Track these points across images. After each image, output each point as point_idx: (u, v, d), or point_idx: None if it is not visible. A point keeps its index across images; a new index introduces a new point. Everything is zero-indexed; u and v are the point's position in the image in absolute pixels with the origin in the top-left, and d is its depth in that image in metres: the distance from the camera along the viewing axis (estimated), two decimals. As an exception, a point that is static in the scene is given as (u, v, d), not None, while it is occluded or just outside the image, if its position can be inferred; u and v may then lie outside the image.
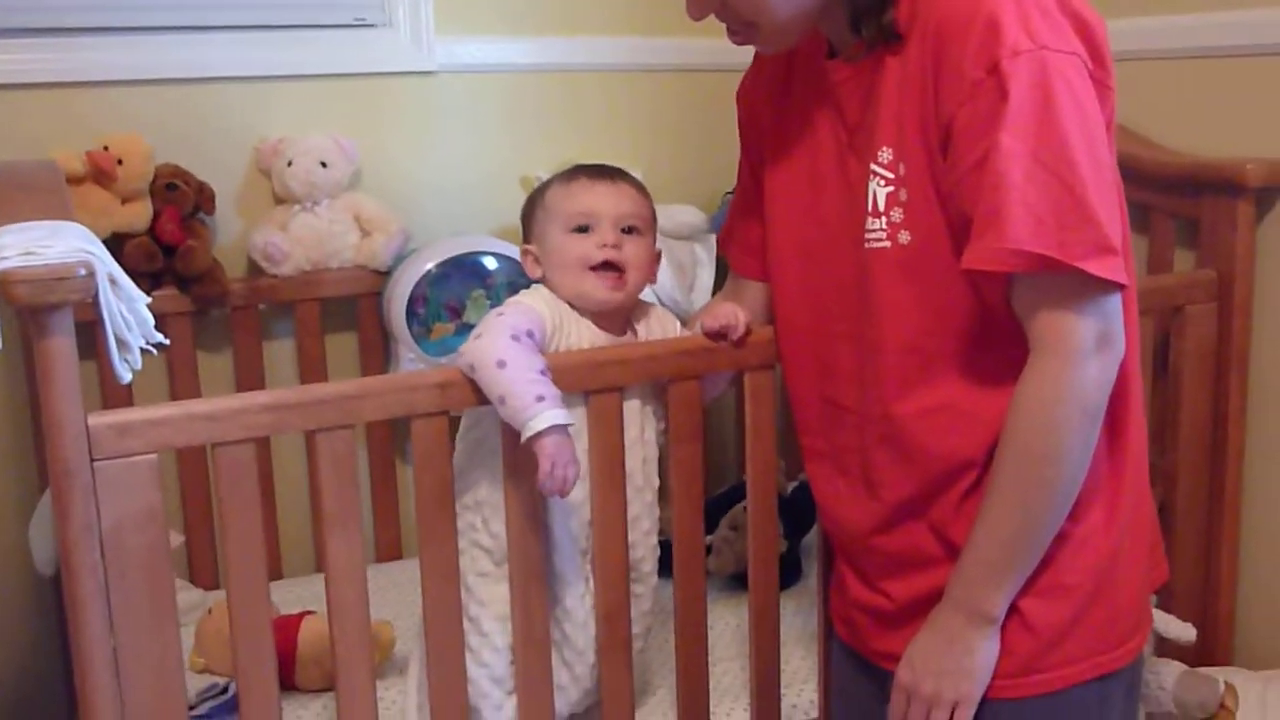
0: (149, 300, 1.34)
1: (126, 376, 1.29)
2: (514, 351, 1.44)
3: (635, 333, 1.67)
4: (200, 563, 2.28)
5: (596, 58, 2.54)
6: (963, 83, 1.18)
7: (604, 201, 1.63)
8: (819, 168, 1.40)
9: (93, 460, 1.24)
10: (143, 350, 1.29)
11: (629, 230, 1.63)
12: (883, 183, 1.28)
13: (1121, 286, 1.20)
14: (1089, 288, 1.18)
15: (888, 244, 1.29)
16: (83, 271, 1.18)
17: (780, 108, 1.50)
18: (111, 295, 1.25)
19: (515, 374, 1.42)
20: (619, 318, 1.65)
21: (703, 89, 2.63)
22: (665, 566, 1.63)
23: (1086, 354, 1.19)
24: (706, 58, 2.59)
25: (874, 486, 1.38)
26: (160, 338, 1.31)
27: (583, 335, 1.59)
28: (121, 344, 1.28)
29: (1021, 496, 1.24)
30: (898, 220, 1.28)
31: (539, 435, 1.39)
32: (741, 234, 1.63)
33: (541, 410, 1.40)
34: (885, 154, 1.28)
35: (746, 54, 1.45)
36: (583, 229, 1.61)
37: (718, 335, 1.56)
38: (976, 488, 1.30)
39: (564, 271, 1.61)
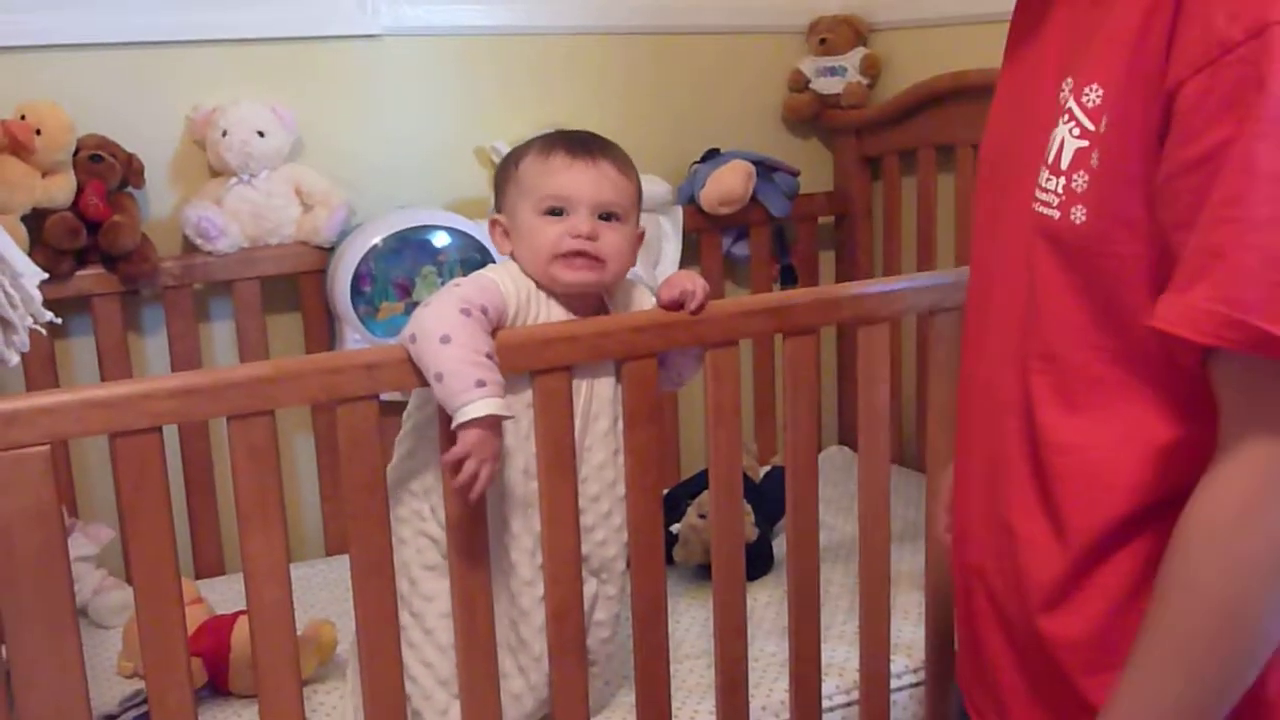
0: (43, 276, 1.22)
1: (13, 360, 1.17)
2: (461, 327, 1.33)
3: (608, 309, 1.56)
4: (204, 550, 2.18)
5: (556, 20, 2.41)
6: (1207, 39, 0.83)
7: (581, 185, 1.50)
8: (1037, 82, 1.03)
9: (-24, 453, 1.12)
10: (48, 331, 1.17)
11: (607, 217, 1.51)
12: (1076, 131, 0.94)
13: None
14: None
15: (1056, 214, 0.95)
16: (-46, 243, 1.05)
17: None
18: (-9, 269, 1.12)
19: (457, 352, 1.31)
20: (590, 299, 1.54)
21: (669, 53, 2.51)
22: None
23: None
24: (674, 19, 2.49)
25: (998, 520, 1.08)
26: (49, 316, 1.18)
27: (550, 313, 1.49)
28: (6, 324, 1.15)
29: (1184, 653, 0.88)
30: (1079, 189, 0.93)
31: (469, 424, 1.29)
32: None
33: (480, 397, 1.29)
34: (1092, 94, 0.93)
35: (719, 18, 1.32)
36: (556, 212, 1.50)
37: (674, 305, 1.45)
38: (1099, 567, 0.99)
39: (533, 254, 1.50)
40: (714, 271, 2.50)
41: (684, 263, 2.44)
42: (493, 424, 1.31)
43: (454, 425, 1.29)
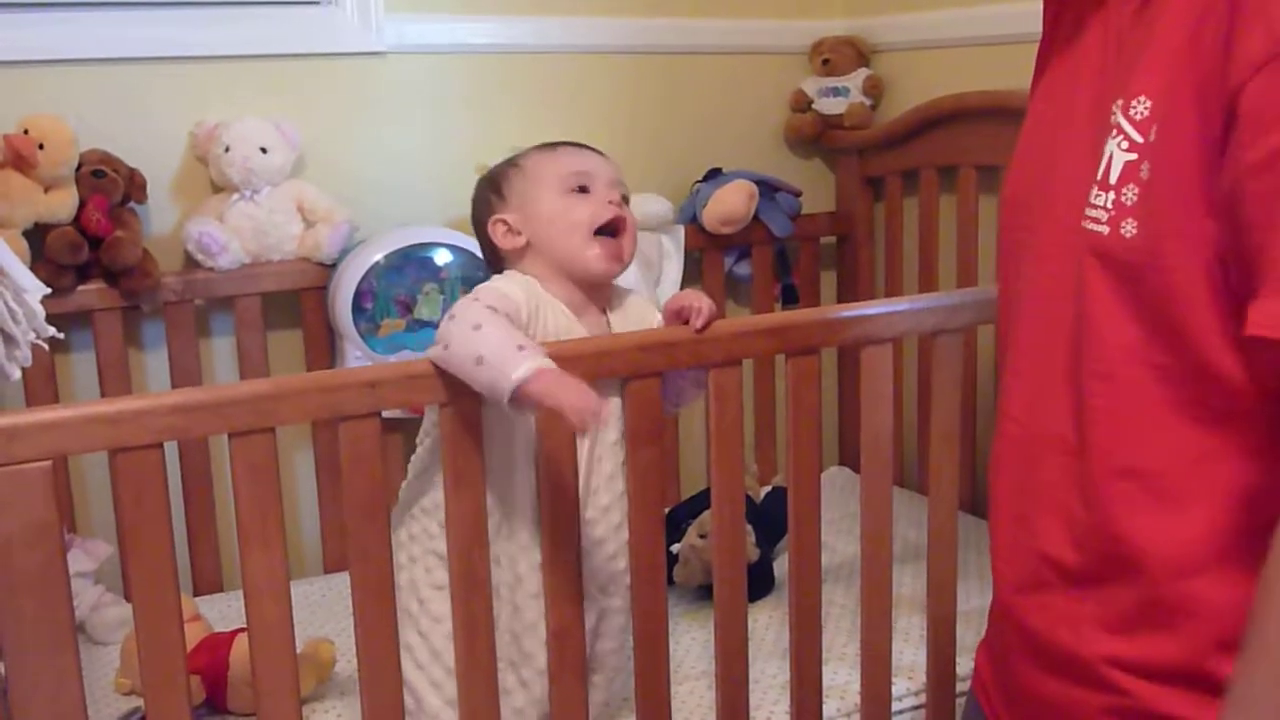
0: (46, 291, 1.21)
1: (15, 374, 1.17)
2: (491, 318, 1.33)
3: (609, 321, 1.56)
4: (202, 567, 2.16)
5: (558, 39, 2.41)
6: (1270, 36, 0.83)
7: (598, 163, 1.56)
8: (1073, 102, 1.03)
9: (-24, 469, 1.11)
10: (51, 346, 1.16)
11: (621, 200, 1.55)
12: (1124, 144, 0.93)
13: None
14: None
15: (1106, 229, 0.94)
16: (-42, 257, 1.04)
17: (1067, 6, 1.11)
18: (-6, 284, 1.12)
19: (493, 333, 1.29)
20: (597, 300, 1.55)
21: (672, 73, 2.51)
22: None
23: None
24: (676, 39, 2.49)
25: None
26: (52, 331, 1.18)
27: (558, 323, 1.49)
28: (8, 339, 1.15)
29: None
30: (1129, 202, 0.93)
31: (528, 381, 1.24)
32: None
33: (526, 358, 1.26)
34: (1140, 106, 0.93)
35: (721, 38, 1.31)
36: (583, 189, 1.53)
37: (679, 317, 1.45)
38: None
39: (567, 236, 1.51)
40: (716, 291, 2.50)
41: (685, 282, 2.44)
42: (550, 374, 1.26)
43: (507, 400, 1.25)
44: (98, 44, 2.04)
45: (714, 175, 2.50)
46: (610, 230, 1.52)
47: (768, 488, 2.32)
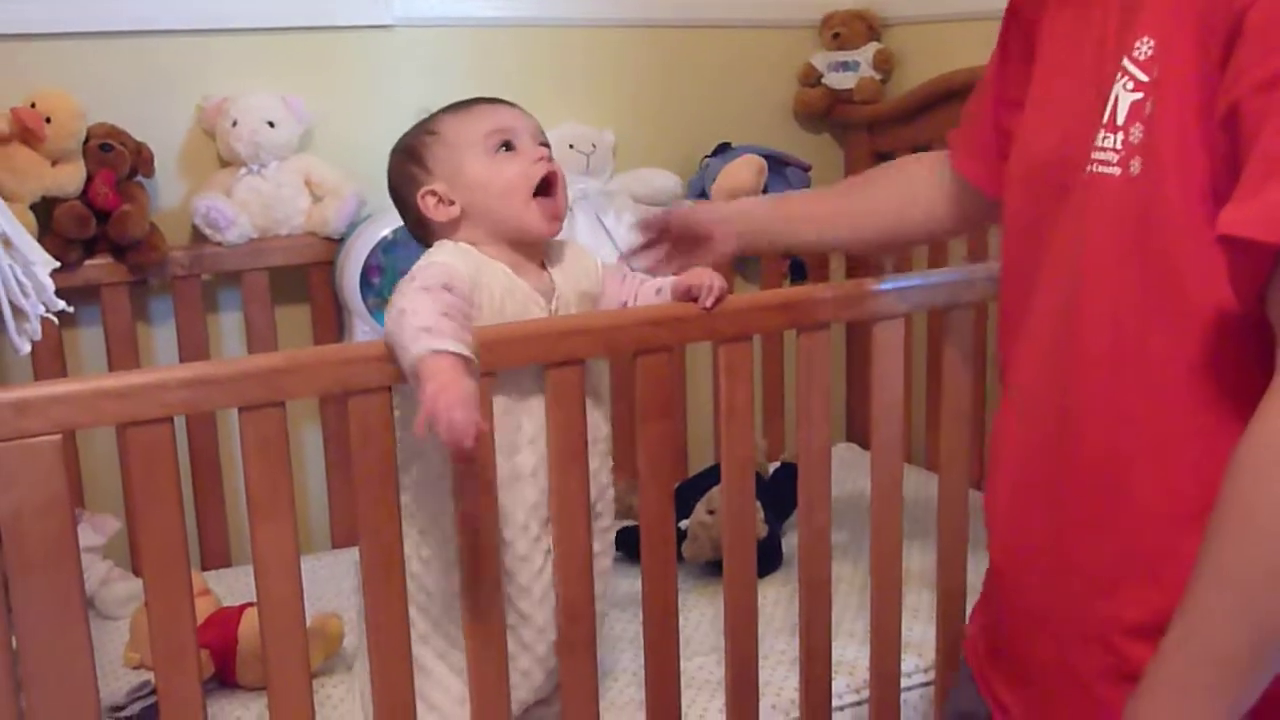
0: (55, 265, 1.20)
1: (25, 348, 1.16)
2: (419, 301, 1.27)
3: (550, 276, 1.52)
4: (210, 542, 2.17)
5: (569, 11, 2.40)
6: None
7: (516, 116, 1.50)
8: (1081, 58, 1.04)
9: (-13, 442, 1.11)
10: (61, 320, 1.16)
11: (547, 151, 1.50)
12: (1130, 85, 0.94)
13: None
14: None
15: (1116, 170, 0.95)
16: (-33, 230, 1.04)
17: None
18: (4, 257, 1.11)
19: (412, 319, 1.23)
20: (535, 257, 1.51)
21: (681, 46, 2.50)
22: (638, 553, 1.50)
23: None
24: (685, 12, 2.47)
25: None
26: (61, 304, 1.17)
27: (501, 283, 1.44)
28: (18, 312, 1.14)
29: (1236, 585, 0.82)
30: (1136, 141, 0.93)
31: (419, 363, 1.18)
32: (968, 133, 1.37)
33: (422, 341, 1.20)
34: (1143, 46, 0.94)
35: (730, 11, 1.31)
36: (508, 146, 1.47)
37: (687, 296, 1.43)
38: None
39: (504, 199, 1.46)
40: (723, 265, 2.47)
41: (694, 257, 2.43)
42: (447, 361, 1.19)
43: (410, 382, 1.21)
44: (105, 17, 2.03)
45: (723, 150, 2.48)
46: (545, 187, 1.48)
47: (775, 464, 2.32)
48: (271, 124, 2.08)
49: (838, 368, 2.64)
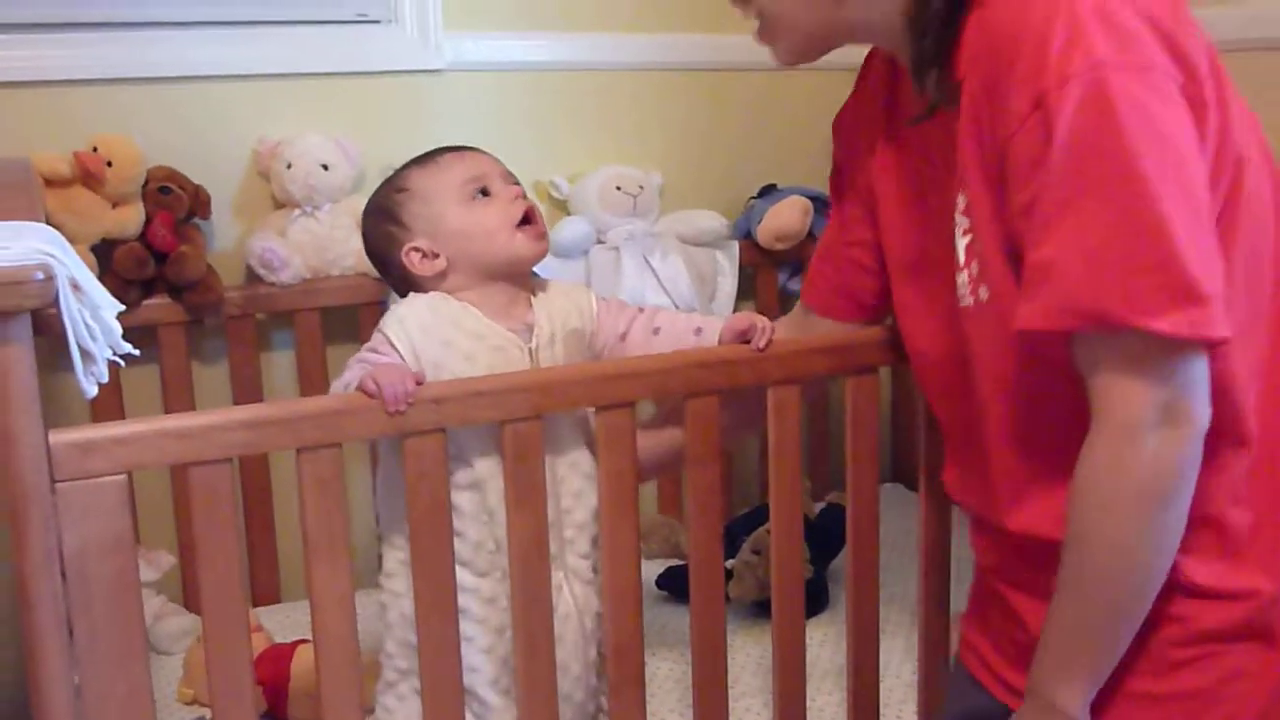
0: (121, 308, 1.23)
1: (92, 390, 1.18)
2: (355, 371, 1.35)
3: (535, 316, 1.51)
4: (261, 579, 2.21)
5: (617, 56, 2.43)
6: (1009, 115, 1.04)
7: (483, 163, 1.54)
8: (930, 207, 1.28)
9: (54, 482, 1.14)
10: (126, 362, 1.19)
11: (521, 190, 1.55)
12: (963, 231, 1.16)
13: (1209, 343, 1.01)
14: (1151, 349, 1.00)
15: (971, 301, 1.16)
16: (40, 275, 1.06)
17: (890, 138, 1.37)
18: (74, 301, 1.14)
19: (345, 375, 1.37)
20: (522, 294, 1.52)
21: (728, 90, 2.52)
22: (685, 593, 1.51)
23: (1143, 428, 1.02)
24: (732, 56, 2.49)
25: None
26: (129, 348, 1.19)
27: (469, 326, 1.46)
28: (86, 355, 1.17)
29: (1078, 584, 1.10)
30: (976, 274, 1.15)
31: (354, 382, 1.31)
32: (831, 275, 1.54)
33: (354, 369, 1.35)
34: (962, 199, 1.15)
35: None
36: (484, 192, 1.50)
37: (740, 337, 1.45)
38: None
39: (488, 241, 1.48)
40: (770, 307, 2.50)
41: (739, 298, 2.45)
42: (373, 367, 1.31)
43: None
44: (164, 63, 2.08)
45: (769, 191, 2.50)
46: (523, 220, 1.50)
47: (821, 504, 2.31)
48: (325, 167, 2.12)
49: (883, 407, 2.64)
